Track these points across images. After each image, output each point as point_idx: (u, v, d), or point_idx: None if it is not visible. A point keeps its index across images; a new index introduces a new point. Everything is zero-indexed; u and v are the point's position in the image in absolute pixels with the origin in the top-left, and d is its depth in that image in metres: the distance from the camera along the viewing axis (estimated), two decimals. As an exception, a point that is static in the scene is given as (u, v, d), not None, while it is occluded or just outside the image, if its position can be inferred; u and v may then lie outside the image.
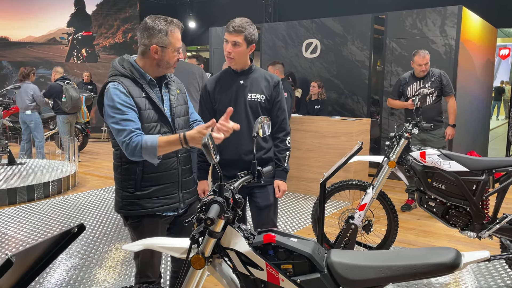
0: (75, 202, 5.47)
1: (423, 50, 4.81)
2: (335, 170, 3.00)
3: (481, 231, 3.21)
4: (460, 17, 6.12)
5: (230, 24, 2.51)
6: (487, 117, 8.38)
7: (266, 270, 1.58)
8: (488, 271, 3.49)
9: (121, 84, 2.02)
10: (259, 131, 1.95)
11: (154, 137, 1.95)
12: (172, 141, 1.94)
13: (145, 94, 2.07)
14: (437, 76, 4.88)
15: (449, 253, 1.47)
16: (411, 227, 4.62)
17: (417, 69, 4.85)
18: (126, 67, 2.08)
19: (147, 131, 2.04)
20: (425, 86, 4.86)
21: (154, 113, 2.07)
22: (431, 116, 4.84)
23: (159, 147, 1.93)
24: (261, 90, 2.60)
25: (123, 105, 1.98)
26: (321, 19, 7.39)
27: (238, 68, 2.61)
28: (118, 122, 1.96)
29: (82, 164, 7.84)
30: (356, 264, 1.53)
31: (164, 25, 2.04)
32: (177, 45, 2.08)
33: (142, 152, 1.93)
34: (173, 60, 2.10)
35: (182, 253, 1.69)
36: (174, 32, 2.06)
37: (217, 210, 1.48)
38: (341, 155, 5.41)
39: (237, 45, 2.49)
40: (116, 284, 3.26)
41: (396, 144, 3.40)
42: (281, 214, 4.89)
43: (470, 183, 3.20)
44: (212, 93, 2.65)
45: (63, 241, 1.29)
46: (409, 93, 4.95)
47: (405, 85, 5.01)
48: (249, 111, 2.56)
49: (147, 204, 2.10)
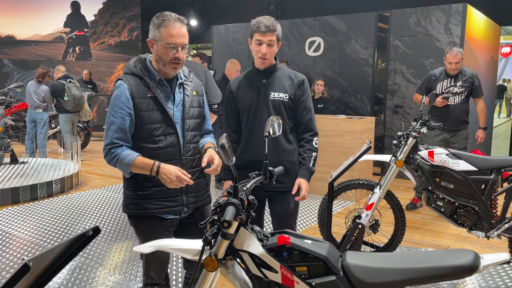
0: (78, 201, 5.45)
1: (457, 48, 4.70)
2: (344, 169, 2.98)
3: (489, 230, 3.19)
4: (464, 15, 6.09)
5: (260, 24, 2.40)
6: (490, 115, 8.35)
7: (280, 273, 1.56)
8: (496, 270, 3.47)
9: (127, 84, 2.03)
10: (270, 131, 1.92)
11: (132, 156, 1.99)
12: (146, 166, 1.98)
13: (151, 94, 2.05)
14: (469, 76, 4.77)
15: (468, 256, 1.45)
16: (417, 226, 4.60)
17: (448, 66, 4.75)
18: (137, 66, 2.08)
19: (149, 132, 2.04)
20: (455, 85, 4.78)
21: (158, 114, 2.05)
22: (457, 115, 4.78)
23: (133, 166, 1.99)
24: (284, 89, 2.50)
25: (120, 107, 2.00)
26: (324, 17, 7.36)
27: (262, 67, 2.52)
28: (109, 124, 2.02)
29: (84, 163, 7.82)
30: (373, 267, 1.51)
31: (158, 19, 2.00)
32: (168, 40, 1.97)
33: (117, 164, 2.02)
34: (167, 57, 2.00)
35: (194, 255, 1.67)
36: (167, 27, 1.98)
37: (233, 212, 1.46)
38: (346, 153, 5.39)
39: (271, 44, 2.42)
40: (119, 283, 3.24)
41: (404, 143, 3.37)
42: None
43: (478, 183, 3.18)
44: (235, 92, 2.58)
45: (78, 244, 1.27)
46: (438, 90, 4.84)
47: (435, 82, 4.89)
48: (272, 110, 2.47)
49: (148, 205, 2.09)
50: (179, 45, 1.99)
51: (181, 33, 2.00)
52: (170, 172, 1.96)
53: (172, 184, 1.97)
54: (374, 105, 7.18)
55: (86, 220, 4.71)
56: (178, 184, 1.97)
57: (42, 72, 7.42)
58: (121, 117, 2.00)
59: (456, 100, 4.79)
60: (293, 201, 2.56)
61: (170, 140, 2.08)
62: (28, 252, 3.81)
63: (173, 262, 3.60)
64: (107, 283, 3.25)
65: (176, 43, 1.98)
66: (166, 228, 2.15)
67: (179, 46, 1.99)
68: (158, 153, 2.05)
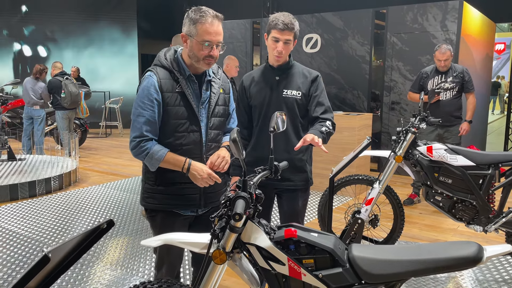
0: (77, 198, 5.46)
1: (445, 45, 4.82)
2: (345, 165, 3.01)
3: (487, 225, 3.24)
4: (461, 12, 6.14)
5: (278, 21, 2.35)
6: (486, 111, 8.44)
7: (287, 265, 1.59)
8: (493, 263, 3.52)
9: (156, 76, 2.01)
10: (275, 126, 1.94)
11: (163, 152, 1.99)
12: (178, 162, 1.99)
13: (179, 89, 2.03)
14: (459, 72, 4.90)
15: (471, 247, 1.49)
16: (414, 221, 4.65)
17: (437, 64, 4.90)
18: (168, 58, 2.06)
19: (174, 128, 2.03)
20: (446, 81, 4.90)
21: (184, 110, 2.03)
22: (449, 111, 4.88)
23: (164, 162, 1.99)
24: (297, 86, 2.46)
25: (149, 99, 1.98)
26: (321, 13, 7.38)
27: (276, 64, 2.49)
28: (137, 116, 2.00)
29: (81, 160, 7.81)
30: (379, 259, 1.54)
31: (195, 14, 1.95)
32: (204, 37, 1.93)
33: (146, 159, 2.00)
34: (201, 54, 1.97)
35: (201, 248, 1.69)
36: (204, 23, 1.93)
37: (243, 205, 1.49)
38: (344, 150, 5.43)
39: (288, 43, 2.38)
40: (120, 278, 3.26)
41: (403, 138, 3.41)
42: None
43: (476, 177, 3.23)
44: (248, 88, 2.56)
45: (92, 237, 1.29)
46: (429, 87, 4.97)
47: (426, 79, 5.02)
48: (284, 108, 2.44)
49: (165, 200, 2.09)
50: (215, 43, 1.97)
51: (218, 31, 1.97)
52: (201, 170, 1.98)
53: (202, 182, 1.99)
54: (371, 102, 7.23)
55: (86, 217, 4.72)
56: (208, 181, 1.99)
57: (39, 69, 7.39)
58: (150, 109, 1.98)
59: (447, 95, 4.90)
60: (301, 199, 2.57)
61: (193, 137, 2.06)
62: (29, 249, 3.82)
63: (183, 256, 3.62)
64: (107, 277, 3.27)
65: (212, 41, 1.96)
66: (182, 224, 2.15)
67: (215, 43, 1.97)
68: (180, 149, 2.04)
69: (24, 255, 3.68)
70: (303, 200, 2.59)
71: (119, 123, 11.32)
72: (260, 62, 8.08)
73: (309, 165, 2.62)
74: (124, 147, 9.40)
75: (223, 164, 2.06)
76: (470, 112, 4.98)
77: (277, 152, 2.42)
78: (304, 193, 2.59)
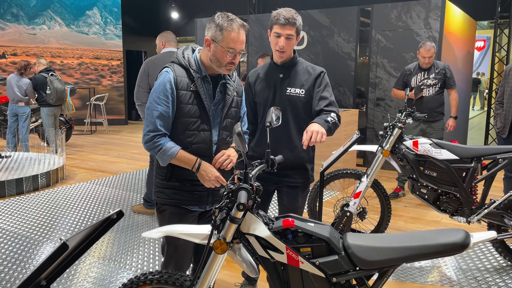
0: (65, 195, 5.44)
1: (430, 43, 4.91)
2: (335, 159, 3.10)
3: (470, 216, 3.37)
4: (443, 10, 6.30)
5: (280, 16, 2.35)
6: (467, 107, 8.65)
7: (286, 254, 1.66)
8: (476, 254, 3.67)
9: (173, 73, 2.06)
10: (271, 121, 2.00)
11: (175, 149, 2.04)
12: (188, 161, 2.05)
13: (194, 88, 2.08)
14: (441, 69, 5.02)
15: (459, 234, 1.58)
16: (400, 214, 4.79)
17: (421, 60, 4.98)
18: (186, 57, 2.11)
19: (186, 125, 2.08)
20: (429, 77, 5.01)
21: (197, 108, 2.08)
22: (432, 107, 4.99)
23: (175, 159, 2.05)
24: (301, 84, 2.47)
25: (165, 95, 2.03)
26: (307, 11, 7.47)
27: (280, 61, 2.48)
28: (152, 110, 2.04)
29: (67, 157, 7.75)
30: (372, 246, 1.62)
31: (223, 21, 2.00)
32: (230, 45, 2.00)
33: (159, 154, 2.06)
34: (225, 60, 2.03)
35: (202, 239, 1.75)
36: (231, 31, 1.99)
37: (246, 196, 1.55)
38: (331, 145, 5.53)
39: (290, 38, 2.37)
40: (110, 271, 3.29)
41: (390, 133, 3.51)
42: (274, 203, 4.98)
43: (460, 171, 3.35)
44: (252, 85, 2.57)
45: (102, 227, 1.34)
46: (413, 84, 5.09)
47: (410, 76, 5.12)
48: (288, 105, 2.45)
49: (174, 195, 2.15)
50: (239, 51, 2.04)
51: (243, 40, 2.04)
52: (210, 171, 2.06)
53: (209, 183, 2.07)
54: (357, 98, 7.35)
55: (76, 213, 4.72)
56: (215, 183, 2.07)
57: (24, 64, 7.30)
58: (165, 104, 2.03)
59: (430, 92, 5.02)
60: (301, 196, 2.62)
61: (203, 136, 2.12)
62: (19, 245, 3.82)
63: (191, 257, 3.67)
64: (97, 270, 3.30)
65: (237, 49, 2.02)
66: (190, 219, 2.20)
67: (238, 51, 2.04)
68: (190, 147, 2.09)
69: (15, 252, 3.68)
70: (303, 197, 2.64)
71: (104, 120, 11.25)
72: (247, 58, 8.13)
73: (311, 163, 2.63)
74: (110, 144, 9.36)
75: (227, 162, 2.12)
76: (454, 108, 5.12)
77: (280, 150, 2.45)
78: (304, 190, 2.63)
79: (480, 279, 3.23)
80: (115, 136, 10.48)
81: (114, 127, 11.92)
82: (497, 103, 4.46)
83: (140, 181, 6.16)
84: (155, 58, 4.26)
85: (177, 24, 12.92)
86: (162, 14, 13.38)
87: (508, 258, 3.36)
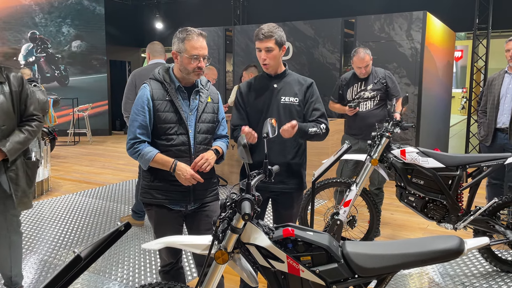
0: (51, 207, 5.36)
1: (363, 50, 4.14)
2: (326, 168, 3.15)
3: (456, 222, 3.46)
4: (425, 22, 6.48)
5: (259, 32, 2.53)
6: (448, 116, 8.87)
7: (286, 262, 1.69)
8: (463, 260, 3.75)
9: (149, 87, 2.34)
10: (269, 133, 2.05)
11: (152, 153, 2.27)
12: (166, 163, 2.27)
13: (168, 97, 2.33)
14: (381, 77, 4.26)
15: (454, 240, 1.64)
16: (387, 221, 4.86)
17: (356, 71, 4.24)
18: (161, 72, 2.38)
19: (164, 130, 2.31)
20: (366, 89, 4.27)
21: (173, 115, 2.32)
22: (369, 123, 4.14)
23: (153, 162, 2.28)
24: (294, 93, 2.61)
25: (142, 106, 2.30)
26: (292, 22, 7.59)
27: (272, 72, 2.64)
28: (132, 121, 2.32)
29: (52, 169, 7.63)
30: (371, 254, 1.67)
31: (183, 34, 2.28)
32: (193, 52, 2.25)
33: (138, 158, 2.31)
34: (191, 67, 2.28)
35: (203, 249, 1.77)
36: (191, 40, 2.25)
37: (250, 206, 1.59)
38: (319, 154, 5.59)
39: (270, 50, 2.52)
40: (98, 282, 3.26)
41: (378, 143, 3.59)
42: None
43: (446, 178, 3.45)
44: (245, 96, 2.67)
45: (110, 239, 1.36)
46: (348, 96, 4.34)
47: (345, 87, 4.37)
48: (282, 114, 2.57)
49: (157, 195, 2.35)
50: (201, 56, 2.28)
51: (203, 46, 2.29)
52: (185, 170, 2.27)
53: (185, 181, 2.28)
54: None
55: (63, 226, 4.66)
56: (191, 181, 2.27)
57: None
58: (143, 114, 2.29)
59: (368, 106, 4.26)
60: (296, 203, 2.69)
61: (182, 139, 2.33)
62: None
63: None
64: (84, 282, 3.27)
65: (199, 55, 2.27)
66: (174, 218, 2.40)
67: (201, 57, 2.28)
68: (171, 149, 2.31)
69: (2, 266, 3.61)
70: (297, 203, 2.71)
71: (88, 131, 11.13)
72: (233, 68, 8.19)
73: (304, 170, 2.73)
74: (94, 155, 9.26)
75: (205, 165, 2.31)
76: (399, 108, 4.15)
77: (273, 156, 2.54)
78: (298, 196, 2.71)
79: (468, 284, 3.31)
80: (99, 147, 10.37)
81: (97, 137, 11.80)
82: (480, 112, 4.58)
83: (127, 192, 6.11)
84: (142, 69, 4.38)
85: (161, 34, 12.92)
86: (147, 24, 13.37)
87: (494, 263, 3.45)
